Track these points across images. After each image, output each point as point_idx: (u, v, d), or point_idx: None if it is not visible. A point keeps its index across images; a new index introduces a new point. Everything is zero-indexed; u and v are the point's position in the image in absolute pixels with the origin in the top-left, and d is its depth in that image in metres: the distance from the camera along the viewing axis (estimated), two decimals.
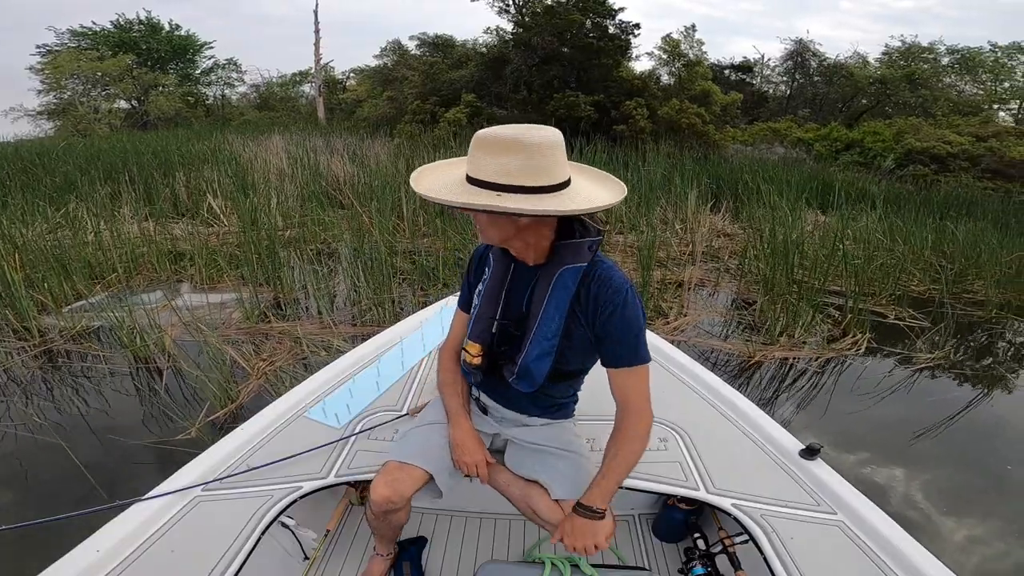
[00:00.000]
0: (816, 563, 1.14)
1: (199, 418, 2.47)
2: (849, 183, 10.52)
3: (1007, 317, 5.19)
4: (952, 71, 19.67)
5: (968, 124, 15.34)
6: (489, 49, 12.72)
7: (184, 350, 3.13)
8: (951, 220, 8.10)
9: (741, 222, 7.56)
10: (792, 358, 3.75)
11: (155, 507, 1.22)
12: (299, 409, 1.63)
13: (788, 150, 14.32)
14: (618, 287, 1.09)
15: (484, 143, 0.98)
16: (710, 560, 1.44)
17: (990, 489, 2.63)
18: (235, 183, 6.97)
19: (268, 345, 3.17)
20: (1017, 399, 3.56)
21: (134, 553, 1.12)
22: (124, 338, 3.02)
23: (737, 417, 1.64)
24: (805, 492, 1.34)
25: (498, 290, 1.20)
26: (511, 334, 1.19)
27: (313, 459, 1.42)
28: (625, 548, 1.64)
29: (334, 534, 1.61)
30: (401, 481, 1.20)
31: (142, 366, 2.97)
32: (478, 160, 0.98)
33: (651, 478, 1.40)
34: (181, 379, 2.85)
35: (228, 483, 1.32)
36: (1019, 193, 12.32)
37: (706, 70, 12.36)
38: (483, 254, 1.29)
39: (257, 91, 25.12)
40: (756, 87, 21.07)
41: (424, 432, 1.34)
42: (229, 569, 1.10)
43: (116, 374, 2.91)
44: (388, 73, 17.75)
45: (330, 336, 3.34)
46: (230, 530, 1.19)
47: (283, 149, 9.63)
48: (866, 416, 3.16)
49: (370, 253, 4.49)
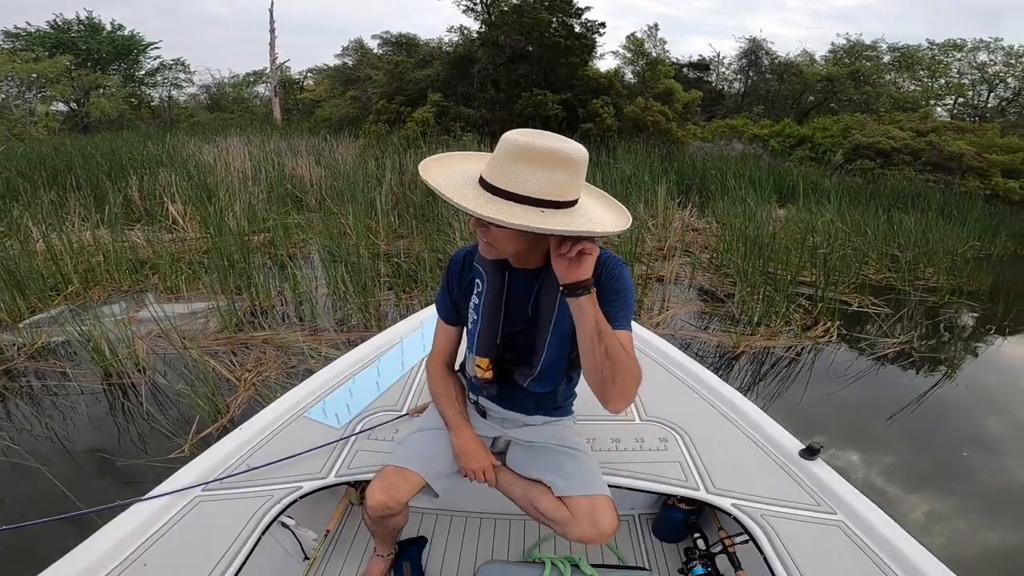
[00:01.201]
0: (816, 563, 1.14)
1: (190, 434, 2.36)
2: (804, 178, 10.99)
3: (958, 301, 5.55)
4: (892, 68, 20.84)
5: (909, 120, 16.26)
6: (455, 48, 12.63)
7: (160, 364, 2.97)
8: (899, 212, 8.61)
9: (707, 217, 7.79)
10: (771, 347, 3.89)
11: (155, 507, 1.21)
12: (299, 409, 1.63)
13: (746, 146, 14.84)
14: (611, 264, 1.11)
15: (529, 154, 0.91)
16: (710, 560, 1.44)
17: (952, 461, 2.80)
18: (195, 187, 6.67)
19: (252, 355, 3.04)
20: (974, 377, 3.82)
21: (134, 553, 1.11)
22: (93, 353, 2.83)
23: (737, 417, 1.65)
24: (805, 492, 1.35)
25: (498, 301, 1.17)
26: (516, 340, 1.19)
27: (313, 459, 1.41)
28: (625, 548, 1.65)
29: (334, 534, 1.60)
30: (397, 487, 1.19)
31: (116, 382, 2.79)
32: (515, 171, 0.91)
33: (651, 478, 1.40)
34: (161, 394, 2.70)
35: (228, 483, 1.32)
36: (958, 185, 13.14)
37: (668, 69, 12.66)
38: (465, 263, 1.25)
39: (207, 92, 24.49)
40: (712, 85, 21.75)
41: (422, 437, 1.33)
42: (229, 569, 1.09)
43: (88, 392, 2.72)
44: (350, 73, 17.41)
45: (316, 343, 3.23)
46: (230, 530, 1.19)
47: (244, 151, 9.28)
48: (841, 400, 3.32)
49: (350, 257, 4.37)
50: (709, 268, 5.57)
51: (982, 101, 20.89)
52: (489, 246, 1.06)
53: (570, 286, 0.97)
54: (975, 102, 21.06)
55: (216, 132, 12.70)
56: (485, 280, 1.18)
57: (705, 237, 6.79)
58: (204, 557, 1.12)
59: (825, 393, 3.36)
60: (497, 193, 0.93)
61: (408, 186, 7.10)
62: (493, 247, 1.06)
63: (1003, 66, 19.94)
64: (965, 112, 20.82)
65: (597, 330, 0.98)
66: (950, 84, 21.05)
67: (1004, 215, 11.04)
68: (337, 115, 15.10)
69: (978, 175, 13.53)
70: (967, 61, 20.64)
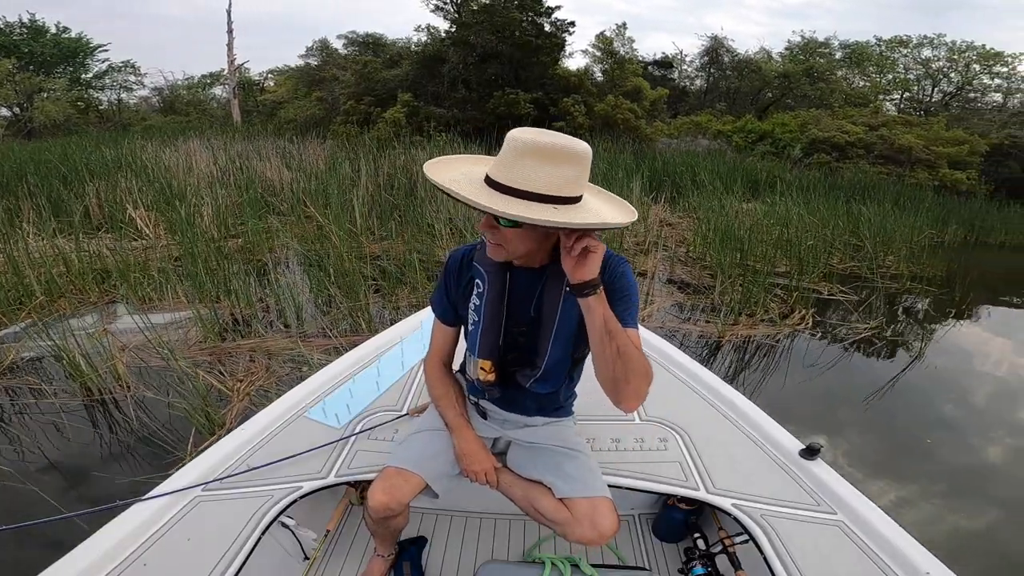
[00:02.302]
0: (816, 563, 1.14)
1: (188, 447, 2.27)
2: (768, 172, 11.37)
3: (918, 288, 5.87)
4: (844, 65, 21.74)
5: (860, 114, 17.01)
6: (424, 47, 12.52)
7: (143, 377, 2.84)
8: (857, 203, 9.02)
9: (678, 212, 7.97)
10: (752, 335, 4.03)
11: (155, 507, 1.21)
12: (299, 409, 1.62)
13: (711, 142, 15.23)
14: (613, 262, 1.13)
15: (536, 151, 0.92)
16: (710, 560, 1.44)
17: (920, 439, 2.97)
18: (158, 192, 6.41)
19: (242, 364, 2.94)
20: (939, 359, 4.05)
21: (134, 553, 1.11)
22: (70, 368, 2.68)
23: (737, 417, 1.65)
24: (805, 492, 1.35)
25: (500, 302, 1.17)
26: (518, 341, 1.19)
27: (313, 459, 1.41)
28: (625, 548, 1.64)
29: (334, 534, 1.60)
30: (399, 488, 1.19)
31: (99, 398, 2.65)
32: (524, 168, 0.92)
33: (651, 478, 1.39)
34: (150, 408, 2.59)
35: (228, 483, 1.32)
36: (909, 177, 13.83)
37: (637, 67, 12.87)
38: (463, 263, 1.24)
39: (160, 95, 23.85)
40: (676, 82, 22.22)
41: (422, 438, 1.32)
42: (229, 569, 1.09)
43: (69, 409, 2.57)
44: (315, 73, 17.06)
45: (307, 349, 3.15)
46: (230, 530, 1.18)
47: (207, 154, 8.96)
48: (820, 385, 3.47)
49: (334, 260, 4.28)
50: (687, 261, 5.71)
51: (927, 96, 22.02)
52: (498, 247, 1.05)
53: (578, 286, 0.97)
54: (920, 96, 22.19)
55: (173, 135, 12.22)
56: (486, 280, 1.16)
57: (679, 231, 6.95)
58: (204, 557, 1.11)
59: (805, 378, 3.51)
60: (508, 192, 0.92)
61: (384, 187, 6.99)
62: (502, 248, 1.05)
63: (946, 61, 21.05)
64: (911, 106, 21.91)
65: (607, 329, 0.98)
66: (897, 80, 22.12)
67: (953, 205, 11.71)
68: (302, 116, 14.82)
69: (926, 167, 14.28)
70: (912, 57, 21.72)
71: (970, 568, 2.02)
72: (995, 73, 20.24)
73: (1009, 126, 16.53)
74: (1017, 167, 15.10)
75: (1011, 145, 15.39)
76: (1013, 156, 15.21)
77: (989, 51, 20.13)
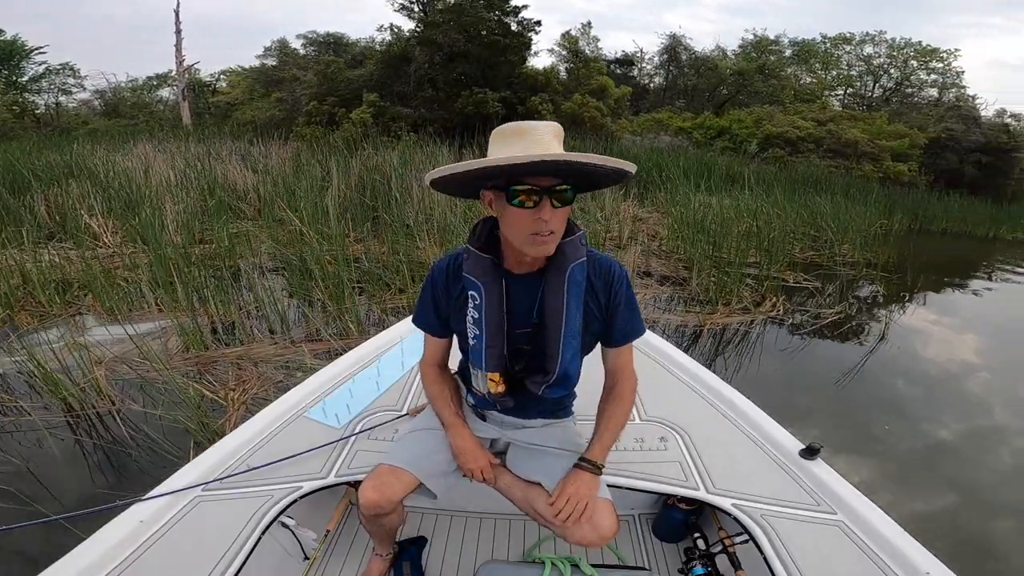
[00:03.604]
0: (816, 563, 1.13)
1: (189, 457, 2.16)
2: (728, 167, 11.79)
3: (873, 274, 6.25)
4: (793, 62, 22.69)
5: (810, 110, 17.82)
6: (389, 47, 12.33)
7: (127, 390, 2.73)
8: (812, 196, 9.47)
9: (647, 207, 8.17)
10: (729, 323, 4.21)
11: (155, 507, 1.21)
12: (299, 409, 1.61)
13: (672, 138, 15.65)
14: (618, 270, 1.15)
15: (530, 126, 1.01)
16: (710, 560, 1.43)
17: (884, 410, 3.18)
18: (113, 198, 6.12)
19: (232, 373, 2.85)
20: (899, 338, 4.34)
21: (134, 553, 1.10)
22: (46, 383, 2.54)
23: (737, 417, 1.65)
24: (805, 492, 1.35)
25: (500, 312, 1.12)
26: (523, 349, 1.16)
27: (313, 459, 1.41)
28: (625, 548, 1.63)
29: (334, 534, 1.59)
30: (389, 485, 1.18)
31: (83, 413, 2.52)
32: (547, 142, 0.98)
33: (651, 478, 1.39)
34: (141, 422, 2.48)
35: (228, 483, 1.31)
36: (856, 170, 14.60)
37: (602, 66, 13.07)
38: (450, 274, 1.19)
39: (102, 97, 22.97)
40: (637, 80, 22.70)
41: (416, 437, 1.32)
42: (229, 569, 1.09)
43: (51, 426, 2.44)
44: (273, 74, 16.58)
45: (298, 355, 3.09)
46: (230, 530, 1.18)
47: (162, 158, 8.59)
48: (794, 367, 3.67)
49: (316, 263, 4.19)
50: (660, 255, 5.87)
51: (869, 91, 23.25)
52: (546, 240, 1.02)
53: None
54: (863, 92, 23.41)
55: (122, 139, 11.64)
56: (482, 291, 1.11)
57: (649, 226, 7.13)
58: (204, 557, 1.11)
59: (780, 362, 3.70)
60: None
61: (357, 188, 6.88)
62: (553, 235, 1.02)
63: (886, 58, 22.27)
64: (854, 102, 23.08)
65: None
66: (841, 76, 23.26)
67: (897, 195, 12.45)
68: (262, 118, 14.40)
69: (872, 160, 15.11)
70: (855, 54, 22.90)
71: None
72: (931, 69, 21.55)
73: (945, 120, 17.64)
74: (954, 159, 16.18)
75: (948, 138, 16.47)
76: (950, 148, 16.28)
77: (926, 48, 21.42)
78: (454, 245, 4.66)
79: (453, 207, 5.96)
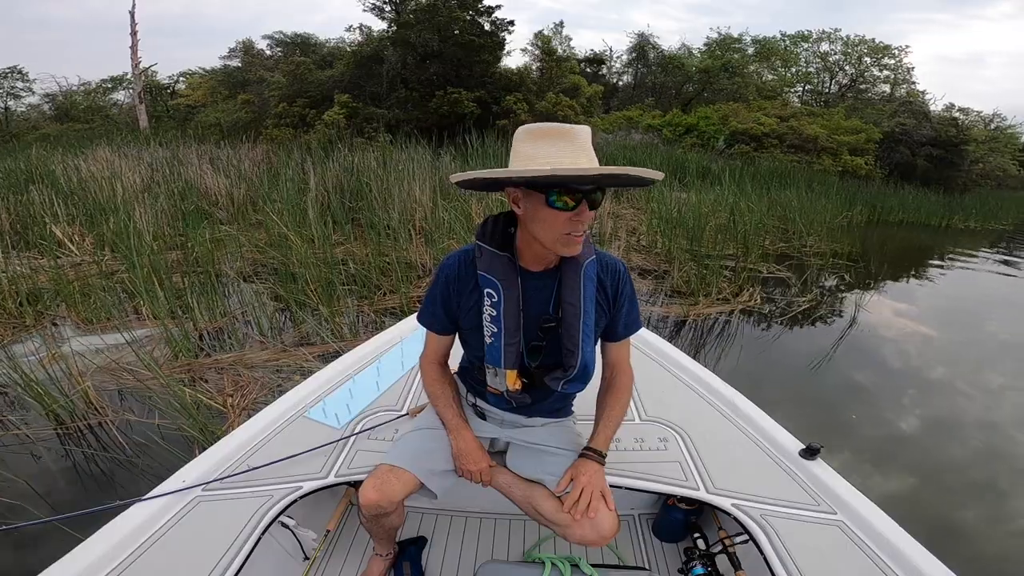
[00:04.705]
0: (816, 563, 1.13)
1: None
2: (697, 163, 12.10)
3: (839, 263, 6.56)
4: (755, 60, 23.34)
5: (772, 107, 18.40)
6: (360, 47, 12.16)
7: (117, 401, 2.67)
8: (777, 190, 9.83)
9: (623, 203, 8.34)
10: (710, 313, 4.36)
11: (155, 507, 1.21)
12: (299, 409, 1.61)
13: (643, 135, 15.93)
14: (622, 267, 1.21)
15: (558, 130, 1.01)
16: (710, 560, 1.43)
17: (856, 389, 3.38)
18: (77, 205, 5.90)
19: (227, 379, 2.80)
20: (867, 322, 4.60)
21: (134, 553, 1.11)
22: (35, 396, 2.45)
23: (737, 417, 1.65)
24: (805, 492, 1.35)
25: (518, 309, 1.13)
26: (540, 346, 1.18)
27: (313, 459, 1.41)
28: (625, 548, 1.63)
29: (334, 534, 1.59)
30: (390, 485, 1.18)
31: (74, 425, 2.45)
32: (588, 148, 1.01)
33: (651, 478, 1.38)
34: (134, 433, 2.41)
35: (228, 483, 1.31)
36: (816, 164, 15.16)
37: (574, 64, 13.21)
38: (463, 270, 1.19)
39: (53, 101, 22.06)
40: (606, 78, 23.01)
41: (417, 436, 1.32)
42: (229, 569, 1.09)
43: (41, 439, 2.36)
44: (239, 75, 16.14)
45: (293, 360, 3.06)
46: (230, 530, 1.18)
47: (127, 162, 8.30)
48: (773, 353, 3.84)
49: (304, 266, 4.15)
50: (640, 249, 6.01)
51: (826, 87, 24.12)
52: (579, 239, 1.06)
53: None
54: (820, 88, 24.27)
55: (79, 144, 11.18)
56: (500, 289, 1.12)
57: (627, 221, 7.28)
58: (204, 557, 1.11)
59: (759, 349, 3.87)
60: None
61: (335, 190, 6.80)
62: (584, 236, 1.07)
63: (842, 55, 23.14)
64: (812, 98, 23.89)
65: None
66: (799, 73, 24.06)
67: (856, 188, 13.00)
68: (228, 120, 14.01)
69: (831, 154, 15.71)
70: (813, 51, 23.72)
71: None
72: (883, 65, 22.50)
73: (898, 115, 18.45)
74: (907, 152, 16.93)
75: (901, 132, 17.23)
76: (903, 142, 17.03)
77: (879, 45, 22.34)
78: (441, 245, 4.73)
79: (435, 208, 5.97)
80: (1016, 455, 2.78)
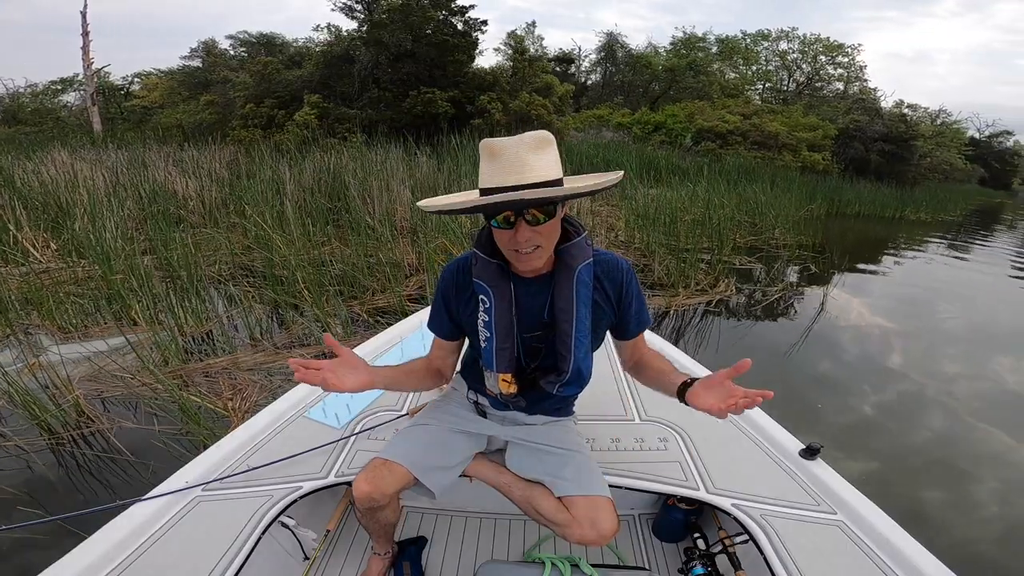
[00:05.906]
0: (816, 563, 1.13)
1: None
2: (666, 160, 12.42)
3: (805, 254, 6.89)
4: (718, 58, 24.00)
5: (736, 105, 18.98)
6: (330, 47, 11.96)
7: (109, 408, 2.62)
8: (744, 185, 10.20)
9: (599, 201, 8.51)
10: (690, 304, 4.54)
11: (155, 507, 1.21)
12: (299, 409, 1.62)
13: (613, 134, 16.22)
14: (624, 267, 1.20)
15: (523, 144, 0.97)
16: (710, 560, 1.42)
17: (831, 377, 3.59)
18: (44, 209, 5.66)
19: (223, 383, 2.77)
20: (834, 309, 4.88)
21: (134, 553, 1.11)
22: (28, 407, 2.38)
23: (737, 417, 1.59)
24: (805, 492, 1.35)
25: (510, 314, 1.15)
26: (536, 348, 1.19)
27: (313, 459, 1.41)
28: (625, 548, 1.63)
29: (334, 534, 1.59)
30: (383, 478, 1.18)
31: (68, 435, 2.38)
32: (520, 164, 0.96)
33: (651, 478, 1.39)
34: (137, 439, 2.37)
35: (228, 483, 1.31)
36: (778, 160, 15.74)
37: (547, 64, 13.34)
38: (460, 277, 1.21)
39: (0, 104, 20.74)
40: (576, 77, 23.27)
41: (412, 432, 1.33)
42: (229, 569, 1.09)
43: (35, 449, 2.29)
44: (201, 75, 15.63)
45: (286, 361, 3.03)
46: (230, 530, 1.18)
47: (85, 166, 7.98)
48: (749, 341, 4.03)
49: (292, 268, 4.11)
50: (619, 245, 6.16)
51: (784, 85, 25.01)
52: (530, 255, 1.05)
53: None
54: (779, 86, 25.15)
55: (30, 148, 10.67)
56: (492, 295, 1.14)
57: (604, 218, 7.43)
58: (204, 557, 1.11)
59: (737, 336, 4.06)
60: (522, 188, 0.96)
61: (312, 190, 6.72)
62: (541, 249, 1.06)
63: (799, 53, 24.02)
64: (772, 96, 24.74)
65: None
66: (759, 71, 24.88)
67: (815, 182, 13.57)
68: (190, 122, 13.56)
69: (791, 151, 16.33)
70: (772, 49, 24.56)
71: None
72: (838, 64, 23.47)
73: (852, 112, 19.30)
74: (861, 148, 17.74)
75: (855, 129, 18.04)
76: (857, 138, 17.83)
77: (833, 43, 23.29)
78: (432, 244, 4.76)
79: (418, 209, 5.96)
80: (968, 438, 2.95)
